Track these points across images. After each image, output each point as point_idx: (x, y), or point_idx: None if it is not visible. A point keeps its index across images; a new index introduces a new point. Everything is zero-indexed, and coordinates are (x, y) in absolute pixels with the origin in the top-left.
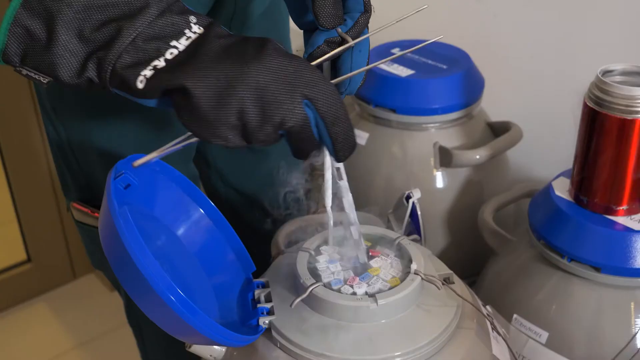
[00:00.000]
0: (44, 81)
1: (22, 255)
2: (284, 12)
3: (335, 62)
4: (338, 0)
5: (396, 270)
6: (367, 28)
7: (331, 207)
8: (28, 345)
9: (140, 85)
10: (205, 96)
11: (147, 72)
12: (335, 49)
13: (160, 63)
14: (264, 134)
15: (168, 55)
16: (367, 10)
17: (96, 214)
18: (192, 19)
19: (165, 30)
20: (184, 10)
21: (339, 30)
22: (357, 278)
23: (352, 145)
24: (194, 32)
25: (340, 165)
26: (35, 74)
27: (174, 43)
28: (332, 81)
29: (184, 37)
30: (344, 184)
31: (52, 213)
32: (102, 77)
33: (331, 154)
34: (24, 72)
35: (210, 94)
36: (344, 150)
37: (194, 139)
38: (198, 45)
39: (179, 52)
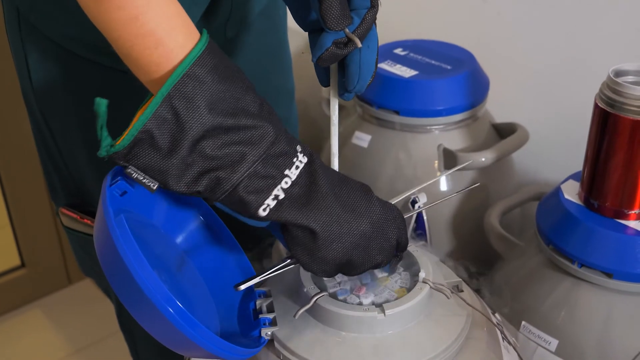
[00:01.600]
0: (153, 187)
1: (16, 261)
2: (283, 12)
3: (342, 59)
4: None
5: (404, 279)
6: (375, 24)
7: None
8: (22, 352)
9: (263, 214)
10: (329, 239)
11: (271, 202)
12: (344, 49)
13: (280, 193)
14: (361, 271)
15: (284, 185)
16: (373, 5)
17: (85, 220)
18: (299, 147)
19: (278, 159)
20: (291, 138)
21: (347, 30)
22: (364, 288)
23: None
24: (301, 162)
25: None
26: (142, 176)
27: (287, 172)
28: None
29: (294, 167)
30: None
31: (47, 217)
32: (216, 194)
33: (388, 269)
34: (135, 174)
35: (333, 238)
36: (396, 265)
37: (295, 265)
38: (310, 178)
39: (292, 182)
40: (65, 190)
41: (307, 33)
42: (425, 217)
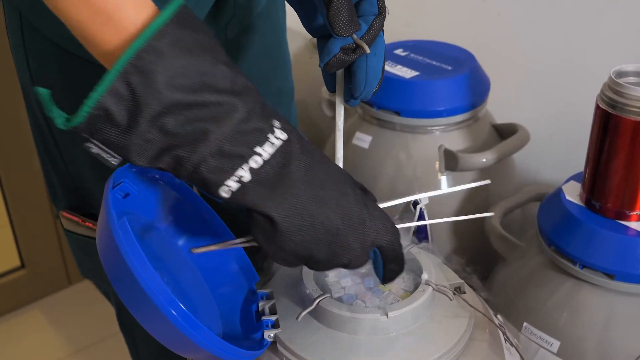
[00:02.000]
0: (114, 162)
1: (16, 261)
2: (282, 12)
3: (349, 66)
4: (352, 6)
5: (407, 283)
6: (382, 30)
7: None
8: (22, 353)
9: (225, 196)
10: (289, 231)
11: (233, 184)
12: (352, 55)
13: (245, 174)
14: (324, 268)
15: (253, 164)
16: (381, 12)
17: (87, 223)
18: (276, 123)
19: (250, 136)
20: (267, 113)
21: (355, 36)
22: (369, 293)
23: (400, 273)
24: (278, 138)
25: None
26: (104, 152)
27: (258, 150)
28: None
29: (268, 144)
30: None
31: (46, 218)
32: (179, 172)
33: (378, 277)
34: (94, 149)
35: (293, 230)
36: (391, 279)
37: (255, 244)
38: (286, 159)
39: (264, 161)
40: (66, 191)
41: (308, 34)
42: (427, 219)
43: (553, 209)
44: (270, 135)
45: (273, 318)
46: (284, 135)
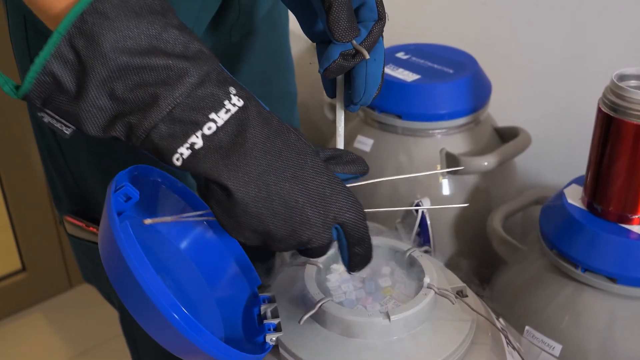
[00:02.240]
0: (67, 132)
1: (17, 264)
2: (284, 16)
3: (349, 71)
4: (351, 11)
5: (409, 289)
6: (382, 36)
7: None
8: (23, 355)
9: (177, 163)
10: (244, 202)
11: (185, 151)
12: (351, 61)
13: (198, 141)
14: (285, 246)
15: (206, 130)
16: (381, 18)
17: (91, 228)
18: (232, 89)
19: (203, 102)
20: (223, 79)
21: (354, 42)
22: (370, 298)
23: (368, 262)
24: (234, 105)
25: None
26: (57, 121)
27: (212, 116)
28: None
29: (223, 110)
30: None
31: (48, 221)
32: (132, 140)
33: (344, 264)
34: (46, 118)
35: (248, 201)
36: (358, 266)
37: (212, 218)
38: (242, 126)
39: (218, 128)
40: (69, 196)
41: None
42: (428, 222)
43: (555, 212)
44: (225, 102)
45: (275, 321)
46: (240, 102)
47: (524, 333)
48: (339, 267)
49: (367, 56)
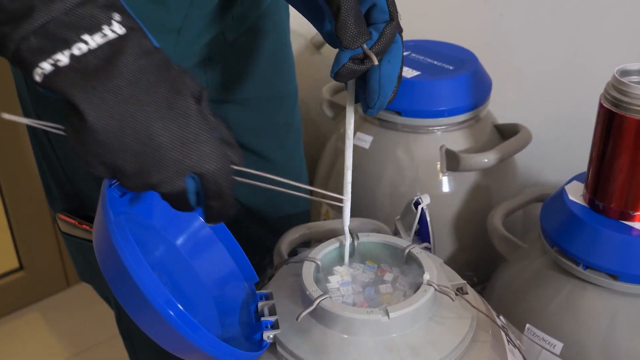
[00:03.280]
0: None
1: (14, 263)
2: (285, 14)
3: (363, 74)
4: (360, 15)
5: (408, 296)
6: (401, 35)
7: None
8: (21, 355)
9: (37, 79)
10: (94, 128)
11: (47, 67)
12: (362, 65)
13: (63, 59)
14: (134, 184)
15: (75, 51)
16: (392, 18)
17: (84, 226)
18: (116, 16)
19: (81, 22)
20: (111, 4)
21: (365, 47)
22: (367, 304)
23: (225, 218)
24: (113, 32)
25: None
26: None
27: (85, 37)
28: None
29: (99, 34)
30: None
31: (45, 219)
32: (3, 52)
33: (201, 216)
34: None
35: (98, 128)
36: (214, 220)
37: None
38: (115, 53)
39: (90, 50)
40: (63, 194)
41: (310, 34)
42: (428, 219)
43: (556, 209)
44: (104, 27)
45: (272, 319)
46: (121, 30)
47: (525, 331)
48: (342, 270)
49: (376, 62)
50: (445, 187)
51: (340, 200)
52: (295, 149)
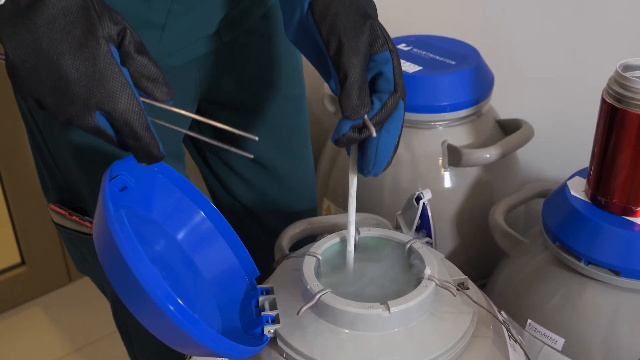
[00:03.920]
0: None
1: (16, 258)
2: None
3: (362, 141)
4: (365, 85)
5: (409, 291)
6: (404, 106)
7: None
8: (22, 350)
9: None
10: (13, 64)
11: None
12: (361, 135)
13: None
14: (62, 119)
15: None
16: (396, 90)
17: (74, 217)
18: None
19: None
20: None
21: (365, 117)
22: (368, 298)
23: (153, 158)
24: None
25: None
26: None
27: None
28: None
29: None
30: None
31: (47, 215)
32: None
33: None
34: None
35: (17, 64)
36: (140, 159)
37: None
38: None
39: None
40: (56, 186)
41: None
42: (430, 214)
43: (558, 204)
44: None
45: (273, 313)
46: None
47: (526, 326)
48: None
49: (374, 134)
50: (447, 183)
51: None
52: (300, 153)
